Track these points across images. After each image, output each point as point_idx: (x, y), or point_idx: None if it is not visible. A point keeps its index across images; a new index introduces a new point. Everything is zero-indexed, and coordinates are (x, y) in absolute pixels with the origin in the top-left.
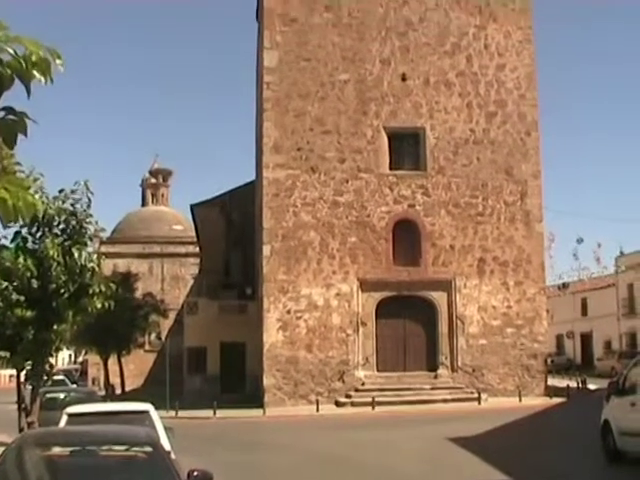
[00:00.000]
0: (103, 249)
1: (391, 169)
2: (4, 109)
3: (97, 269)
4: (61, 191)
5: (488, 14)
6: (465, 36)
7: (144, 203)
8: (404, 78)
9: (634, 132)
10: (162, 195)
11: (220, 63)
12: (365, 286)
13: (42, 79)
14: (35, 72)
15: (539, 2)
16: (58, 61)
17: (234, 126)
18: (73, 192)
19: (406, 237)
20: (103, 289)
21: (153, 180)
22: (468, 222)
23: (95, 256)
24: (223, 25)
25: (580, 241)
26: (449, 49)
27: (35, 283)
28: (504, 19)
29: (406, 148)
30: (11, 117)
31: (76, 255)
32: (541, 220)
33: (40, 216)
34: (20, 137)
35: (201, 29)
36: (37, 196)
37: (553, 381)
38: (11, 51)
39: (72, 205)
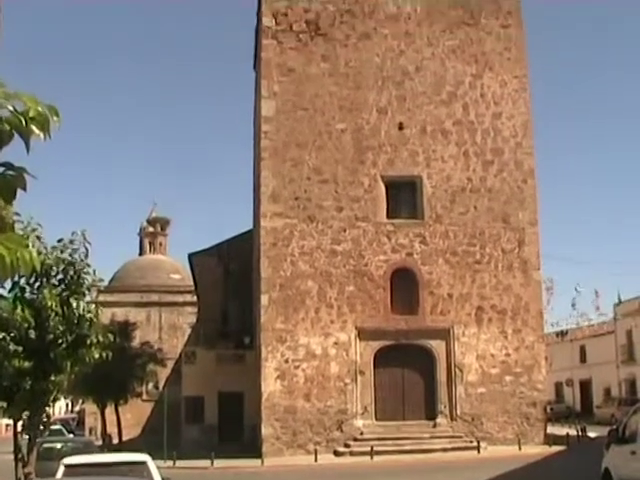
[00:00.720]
0: (101, 298)
1: (388, 218)
2: (3, 165)
3: (95, 319)
4: (59, 241)
5: (484, 63)
6: (461, 85)
7: (142, 252)
8: (401, 127)
9: (630, 181)
10: (160, 244)
11: (218, 112)
12: (363, 335)
13: (41, 135)
14: (34, 127)
15: (535, 51)
16: (55, 118)
17: (232, 175)
18: (71, 242)
19: (404, 286)
20: (101, 339)
21: (151, 229)
22: (466, 270)
23: (93, 306)
24: (221, 75)
25: (578, 290)
26: (445, 98)
27: (33, 333)
28: (500, 68)
29: (403, 197)
30: (10, 172)
31: (74, 305)
32: (539, 268)
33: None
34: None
35: (199, 78)
36: (35, 246)
37: (553, 429)
38: (10, 108)
39: (70, 255)
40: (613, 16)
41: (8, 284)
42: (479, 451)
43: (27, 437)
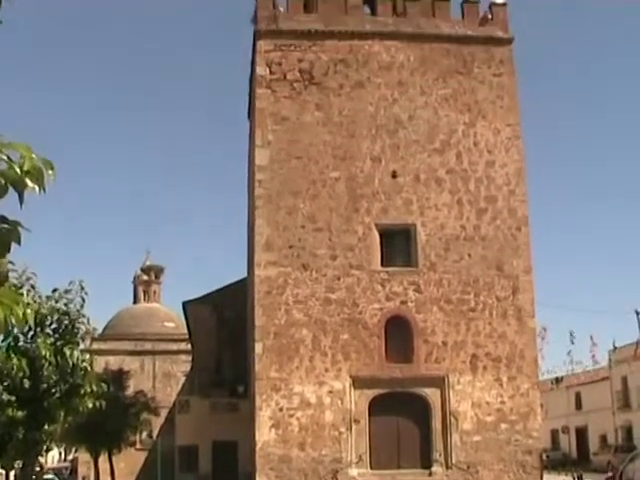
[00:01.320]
0: (95, 346)
1: (383, 266)
2: None
3: (89, 368)
4: (54, 291)
5: (477, 112)
6: (454, 133)
7: (136, 300)
8: (395, 175)
9: (624, 228)
10: (154, 292)
11: (212, 160)
12: (358, 383)
13: (36, 188)
14: (28, 181)
15: (527, 98)
16: (50, 172)
17: (226, 223)
18: (67, 292)
19: (398, 334)
20: (94, 389)
21: (145, 277)
22: (460, 318)
23: (87, 356)
24: (215, 123)
25: (572, 338)
26: (439, 146)
27: (26, 383)
28: (493, 116)
29: (397, 245)
30: (4, 226)
31: (68, 355)
32: (533, 315)
33: (31, 323)
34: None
35: (192, 126)
36: (29, 295)
37: (549, 477)
38: (4, 157)
39: (65, 305)
40: (605, 62)
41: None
42: None
43: None
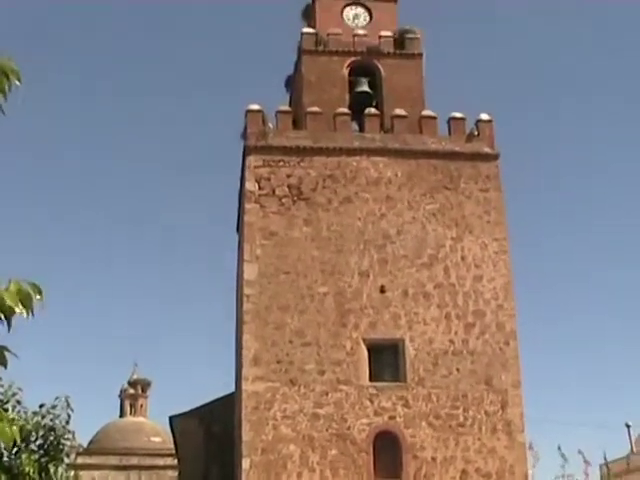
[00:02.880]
0: (80, 460)
1: (371, 381)
2: None
3: None
4: (42, 406)
5: (464, 226)
6: (442, 248)
7: (122, 414)
8: (383, 290)
9: (611, 342)
10: (141, 406)
11: (199, 272)
12: None
13: (24, 312)
14: (16, 306)
15: (514, 212)
16: (38, 296)
17: (214, 337)
18: (54, 407)
19: (387, 449)
20: None
21: (132, 391)
22: (449, 433)
23: (72, 472)
24: (204, 238)
25: (561, 453)
26: (427, 261)
27: None
28: (480, 231)
29: (386, 359)
30: None
31: (52, 471)
32: (523, 430)
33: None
34: None
35: (180, 240)
36: (15, 410)
37: None
38: None
39: (51, 420)
40: (590, 176)
41: None
42: None
43: None
